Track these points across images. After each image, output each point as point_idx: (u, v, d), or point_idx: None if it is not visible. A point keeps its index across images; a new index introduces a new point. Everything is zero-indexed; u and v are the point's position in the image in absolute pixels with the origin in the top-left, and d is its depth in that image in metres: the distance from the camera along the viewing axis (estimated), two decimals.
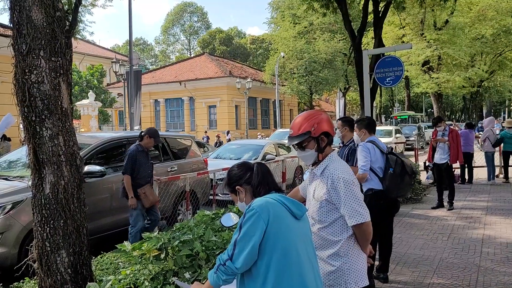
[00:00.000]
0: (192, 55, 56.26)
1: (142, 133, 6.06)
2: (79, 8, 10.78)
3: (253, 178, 2.27)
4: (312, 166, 2.67)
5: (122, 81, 20.27)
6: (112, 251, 4.66)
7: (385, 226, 4.83)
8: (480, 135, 14.18)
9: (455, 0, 23.05)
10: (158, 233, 4.12)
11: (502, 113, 60.79)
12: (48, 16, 3.13)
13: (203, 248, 3.81)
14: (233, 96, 31.42)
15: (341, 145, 5.35)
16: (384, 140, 19.59)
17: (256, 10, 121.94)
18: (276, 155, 11.03)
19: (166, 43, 69.15)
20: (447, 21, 26.79)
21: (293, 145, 2.71)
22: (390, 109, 45.79)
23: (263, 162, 9.59)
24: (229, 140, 22.52)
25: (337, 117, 33.58)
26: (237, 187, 2.31)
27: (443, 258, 5.54)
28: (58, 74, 3.18)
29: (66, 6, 10.52)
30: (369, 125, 4.85)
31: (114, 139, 6.93)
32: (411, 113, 37.02)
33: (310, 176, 2.70)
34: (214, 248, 3.93)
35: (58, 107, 3.18)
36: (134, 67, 16.07)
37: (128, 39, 17.43)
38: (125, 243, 3.92)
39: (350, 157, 4.98)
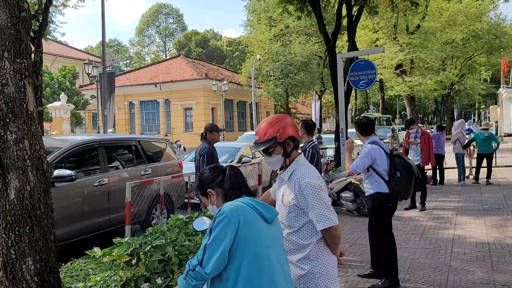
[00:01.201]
0: (167, 57, 55.79)
1: (203, 133, 6.27)
2: (50, 8, 10.53)
3: (225, 181, 2.25)
4: (279, 170, 2.66)
5: (95, 83, 19.90)
6: (82, 257, 4.55)
7: (387, 225, 4.81)
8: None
9: (426, 5, 23.55)
10: (129, 238, 4.04)
11: (472, 116, 62.48)
12: (12, 17, 3.03)
13: (176, 252, 3.76)
14: (210, 98, 31.30)
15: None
16: (359, 142, 19.84)
17: (232, 12, 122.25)
18: (252, 158, 11.02)
19: (141, 45, 68.41)
20: (419, 26, 27.41)
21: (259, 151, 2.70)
22: (365, 112, 46.41)
23: (239, 164, 9.62)
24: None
25: (314, 119, 34.00)
26: (208, 190, 2.29)
27: (415, 259, 5.63)
28: (23, 76, 3.09)
29: (36, 6, 10.28)
30: (364, 127, 4.78)
31: (86, 142, 6.78)
32: (378, 114, 37.43)
33: (278, 181, 2.70)
34: (187, 252, 3.89)
35: (23, 110, 3.09)
36: (107, 69, 15.82)
37: (101, 40, 17.13)
38: (95, 249, 3.84)
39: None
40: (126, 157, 7.70)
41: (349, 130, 14.79)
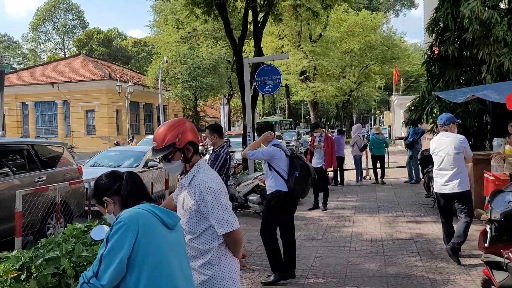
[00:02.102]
0: (66, 56, 52.34)
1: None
2: None
3: (122, 188, 2.14)
4: (180, 176, 2.61)
5: None
6: None
7: (289, 223, 5.08)
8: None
9: (327, 16, 24.95)
10: (18, 251, 3.68)
11: (369, 120, 67.40)
12: None
13: (72, 264, 3.51)
14: (114, 100, 29.92)
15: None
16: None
17: (138, 12, 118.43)
18: (159, 162, 10.72)
19: (36, 41, 63.22)
20: (321, 35, 28.96)
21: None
22: (273, 115, 47.75)
23: (145, 169, 9.31)
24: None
25: (222, 123, 34.13)
26: (104, 198, 2.16)
27: (317, 257, 5.89)
28: None
29: None
30: (264, 132, 5.09)
31: None
32: (278, 118, 38.62)
33: (179, 187, 2.64)
34: (85, 263, 3.65)
35: None
36: None
37: None
38: None
39: (216, 162, 5.12)
40: (16, 163, 7.04)
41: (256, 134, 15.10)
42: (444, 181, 5.37)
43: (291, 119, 42.05)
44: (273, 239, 4.99)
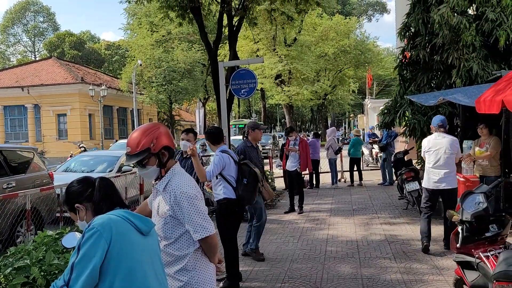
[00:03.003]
0: (37, 58, 51.05)
1: (244, 131, 5.86)
2: None
3: (94, 194, 2.09)
4: (154, 181, 2.57)
5: None
6: None
7: (234, 231, 4.99)
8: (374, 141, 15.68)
9: (301, 20, 25.18)
10: None
11: (343, 124, 68.26)
12: None
13: (43, 273, 3.40)
14: (86, 104, 29.34)
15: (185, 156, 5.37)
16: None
17: (111, 14, 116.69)
18: (133, 166, 10.55)
19: (6, 44, 61.41)
20: (295, 39, 29.19)
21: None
22: (248, 119, 47.80)
23: (119, 174, 9.14)
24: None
25: (197, 127, 33.92)
26: (76, 205, 2.10)
27: (293, 260, 5.90)
28: None
29: None
30: (213, 137, 4.91)
31: None
32: (248, 121, 38.69)
33: (154, 192, 2.60)
34: (57, 272, 3.55)
35: None
36: None
37: None
38: None
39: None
40: None
41: (231, 138, 15.07)
42: (438, 178, 5.78)
43: (261, 123, 41.95)
44: (235, 248, 4.94)
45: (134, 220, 2.01)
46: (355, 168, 12.93)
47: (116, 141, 24.95)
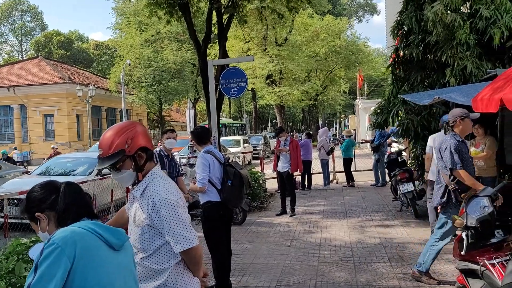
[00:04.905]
0: (24, 58, 50.23)
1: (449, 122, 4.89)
2: None
3: (58, 202, 1.81)
4: (131, 186, 2.28)
5: None
6: None
7: (219, 234, 4.67)
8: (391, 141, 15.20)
9: (292, 20, 24.99)
10: None
11: (334, 124, 68.25)
12: None
13: (12, 287, 3.11)
14: (74, 104, 28.85)
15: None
16: (233, 150, 20.07)
17: (99, 14, 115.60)
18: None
19: None
20: (286, 39, 29.01)
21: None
22: (239, 120, 47.48)
23: (99, 177, 8.79)
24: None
25: (188, 128, 33.52)
26: (37, 213, 1.82)
27: (285, 265, 5.65)
28: None
29: None
30: (199, 137, 4.70)
31: None
32: (228, 120, 38.18)
33: (130, 198, 2.31)
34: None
35: None
36: None
37: None
38: None
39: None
40: None
41: (222, 138, 14.79)
42: None
43: (243, 123, 41.37)
44: (223, 255, 4.66)
45: (104, 233, 1.74)
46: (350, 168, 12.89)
47: (15, 148, 24.37)
